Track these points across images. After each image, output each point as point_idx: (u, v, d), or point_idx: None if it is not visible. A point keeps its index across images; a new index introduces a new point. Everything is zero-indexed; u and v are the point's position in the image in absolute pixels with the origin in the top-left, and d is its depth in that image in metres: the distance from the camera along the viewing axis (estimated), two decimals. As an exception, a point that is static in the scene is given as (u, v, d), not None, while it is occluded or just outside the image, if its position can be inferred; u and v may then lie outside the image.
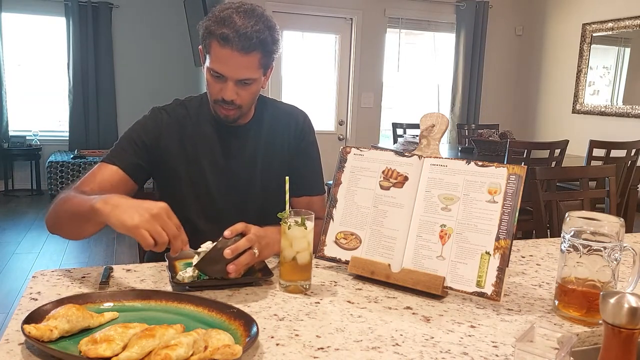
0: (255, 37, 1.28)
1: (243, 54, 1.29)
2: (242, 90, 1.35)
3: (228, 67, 1.30)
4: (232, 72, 1.31)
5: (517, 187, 1.10)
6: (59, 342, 0.85)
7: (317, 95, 5.85)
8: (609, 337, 0.73)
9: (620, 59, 5.36)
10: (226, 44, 1.28)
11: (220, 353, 0.79)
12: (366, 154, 1.29)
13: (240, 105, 1.38)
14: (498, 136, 4.02)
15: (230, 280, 1.13)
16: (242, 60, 1.30)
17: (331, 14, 5.64)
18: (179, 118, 1.47)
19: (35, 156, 6.14)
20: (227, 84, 1.33)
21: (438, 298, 1.11)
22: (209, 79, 1.36)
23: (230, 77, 1.32)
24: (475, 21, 6.04)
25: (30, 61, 6.30)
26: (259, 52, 1.30)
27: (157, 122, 1.45)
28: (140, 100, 6.11)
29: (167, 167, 1.45)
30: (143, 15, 6.45)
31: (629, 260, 1.14)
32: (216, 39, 1.29)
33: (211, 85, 1.36)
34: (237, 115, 1.40)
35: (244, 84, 1.34)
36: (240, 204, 1.47)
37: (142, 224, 1.01)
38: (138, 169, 1.42)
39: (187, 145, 1.45)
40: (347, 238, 1.26)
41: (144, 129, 1.44)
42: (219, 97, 1.35)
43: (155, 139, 1.43)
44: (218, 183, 1.46)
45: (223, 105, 1.36)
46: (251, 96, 1.39)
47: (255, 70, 1.33)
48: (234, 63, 1.30)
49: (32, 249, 4.24)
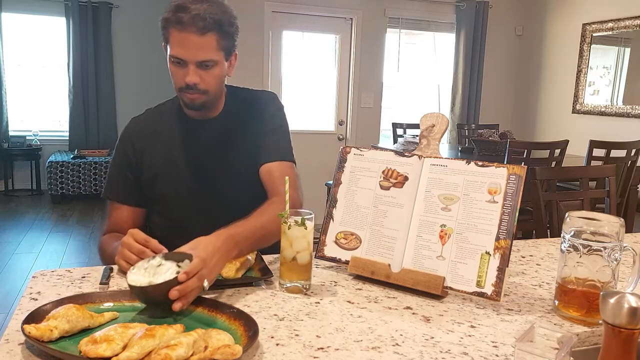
0: (209, 17, 1.31)
1: (199, 35, 1.32)
2: (205, 74, 1.37)
3: (186, 49, 1.33)
4: (191, 54, 1.33)
5: (517, 187, 1.10)
6: (59, 342, 0.85)
7: (317, 95, 5.85)
8: (609, 337, 0.73)
9: (620, 59, 5.36)
10: (182, 28, 1.31)
11: (220, 353, 0.79)
12: (366, 154, 1.29)
13: (206, 90, 1.39)
14: (498, 136, 4.02)
15: (230, 280, 1.13)
16: (199, 41, 1.32)
17: (331, 14, 5.64)
18: (150, 123, 1.53)
19: (35, 156, 6.14)
20: (188, 68, 1.35)
21: (438, 298, 1.11)
22: (172, 68, 1.38)
23: (190, 59, 1.34)
24: (475, 21, 6.04)
25: (30, 61, 6.31)
26: (215, 33, 1.33)
27: (131, 139, 1.51)
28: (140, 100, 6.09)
29: (150, 174, 1.49)
30: (143, 15, 6.45)
31: (629, 260, 1.14)
32: (172, 25, 1.33)
33: (174, 73, 1.39)
34: (203, 100, 1.41)
35: (205, 66, 1.36)
36: (217, 196, 1.48)
37: (118, 258, 1.16)
38: (131, 193, 1.51)
39: (163, 147, 1.49)
40: (347, 238, 1.26)
41: (123, 152, 1.52)
42: (182, 83, 1.37)
43: (134, 157, 1.50)
44: (194, 178, 1.48)
45: (188, 91, 1.38)
46: (215, 80, 1.40)
47: (214, 52, 1.35)
48: (191, 45, 1.33)
49: (32, 249, 4.24)
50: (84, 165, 5.80)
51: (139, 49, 6.49)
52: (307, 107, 5.62)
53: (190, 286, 0.97)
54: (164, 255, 1.03)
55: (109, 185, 1.54)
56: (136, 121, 1.56)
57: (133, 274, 0.98)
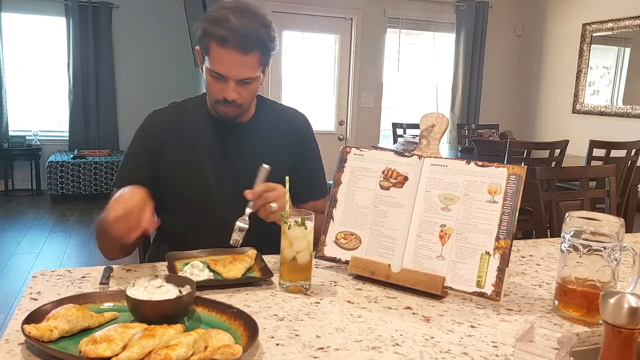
0: (254, 36, 1.29)
1: (243, 54, 1.29)
2: (243, 90, 1.36)
3: (229, 67, 1.31)
4: (233, 72, 1.32)
5: (517, 187, 1.10)
6: (59, 342, 0.85)
7: (317, 95, 5.85)
8: (609, 337, 0.73)
9: (620, 59, 5.36)
10: (225, 45, 1.28)
11: (220, 353, 0.79)
12: (366, 154, 1.29)
13: (241, 104, 1.39)
14: (498, 136, 4.02)
15: (230, 280, 1.13)
16: (243, 60, 1.30)
17: (331, 14, 5.64)
18: (174, 119, 1.48)
19: (35, 156, 6.14)
20: (228, 84, 1.33)
21: (438, 298, 1.11)
22: (210, 80, 1.36)
23: (232, 77, 1.32)
24: (475, 21, 6.04)
25: (30, 61, 6.30)
26: (258, 51, 1.31)
27: (152, 130, 1.47)
28: (140, 100, 6.12)
29: (167, 170, 1.45)
30: (143, 15, 6.45)
31: (629, 260, 1.14)
32: (214, 40, 1.29)
33: (212, 85, 1.37)
34: (237, 113, 1.41)
35: (244, 83, 1.34)
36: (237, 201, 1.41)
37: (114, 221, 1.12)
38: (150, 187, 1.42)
39: (185, 145, 1.45)
40: (347, 238, 1.26)
41: (143, 141, 1.47)
42: (220, 97, 1.36)
43: (154, 148, 1.45)
44: (219, 182, 1.45)
45: (224, 104, 1.37)
46: (251, 94, 1.40)
47: (255, 69, 1.34)
48: (234, 63, 1.30)
49: (32, 249, 4.24)
50: (84, 165, 5.80)
51: (139, 49, 6.49)
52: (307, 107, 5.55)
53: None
54: (165, 277, 1.01)
55: (122, 174, 1.46)
56: (159, 114, 1.51)
57: (132, 289, 0.95)
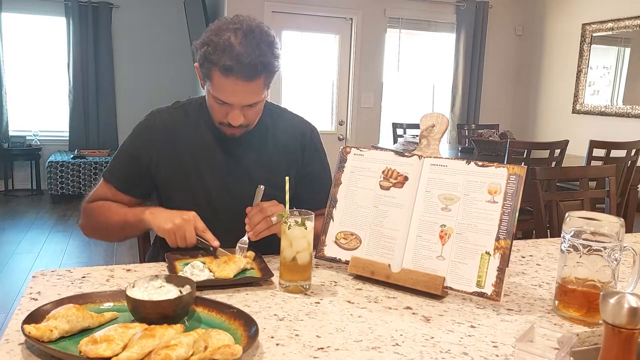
0: (259, 62, 1.23)
1: (248, 82, 1.25)
2: (249, 111, 1.33)
3: (234, 96, 1.28)
4: (237, 100, 1.29)
5: (517, 187, 1.10)
6: (59, 342, 0.85)
7: (317, 95, 5.85)
8: (609, 337, 0.73)
9: (620, 59, 5.36)
10: (230, 74, 1.23)
11: (220, 353, 0.79)
12: (366, 154, 1.29)
13: (247, 125, 1.36)
14: (498, 136, 4.02)
15: (230, 280, 1.13)
16: (248, 88, 1.27)
17: (331, 14, 5.64)
18: (175, 123, 1.44)
19: (35, 156, 6.14)
20: (233, 110, 1.30)
21: (438, 298, 1.11)
22: (213, 104, 1.33)
23: (237, 104, 1.30)
24: (475, 21, 6.04)
25: (30, 61, 6.30)
26: (263, 76, 1.27)
27: (151, 131, 1.44)
28: (140, 101, 6.13)
29: (164, 175, 1.43)
30: (143, 15, 6.44)
31: (629, 260, 1.14)
32: (218, 69, 1.24)
33: (215, 109, 1.34)
34: (244, 132, 1.38)
35: (249, 107, 1.32)
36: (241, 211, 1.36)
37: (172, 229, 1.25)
38: (134, 184, 1.45)
39: (185, 151, 1.42)
40: (347, 238, 1.26)
41: (139, 139, 1.45)
42: (224, 120, 1.33)
43: (149, 148, 1.42)
44: (220, 190, 1.42)
45: (229, 127, 1.34)
46: (257, 114, 1.38)
47: (261, 93, 1.31)
48: (239, 92, 1.27)
49: (32, 249, 4.24)
50: (84, 165, 5.80)
51: (139, 49, 6.49)
52: (307, 107, 5.62)
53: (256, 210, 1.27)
54: (165, 277, 1.00)
55: (113, 168, 1.46)
56: (162, 115, 1.46)
57: (132, 290, 0.95)
